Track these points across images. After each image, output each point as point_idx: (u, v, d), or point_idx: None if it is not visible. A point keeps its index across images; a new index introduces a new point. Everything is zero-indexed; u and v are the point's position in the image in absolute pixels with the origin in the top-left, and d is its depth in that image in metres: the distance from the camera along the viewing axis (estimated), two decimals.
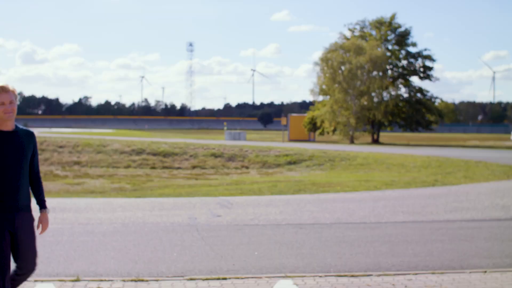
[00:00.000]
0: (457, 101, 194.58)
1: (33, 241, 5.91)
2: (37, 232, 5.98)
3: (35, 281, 8.18)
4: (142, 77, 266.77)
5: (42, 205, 6.12)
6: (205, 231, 12.12)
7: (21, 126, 5.95)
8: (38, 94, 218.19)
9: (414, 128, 72.91)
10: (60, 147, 35.33)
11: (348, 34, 74.87)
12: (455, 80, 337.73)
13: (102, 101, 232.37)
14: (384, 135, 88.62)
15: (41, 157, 33.23)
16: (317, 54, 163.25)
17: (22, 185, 5.79)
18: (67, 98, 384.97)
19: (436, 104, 78.46)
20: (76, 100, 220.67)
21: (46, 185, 22.38)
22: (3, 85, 5.75)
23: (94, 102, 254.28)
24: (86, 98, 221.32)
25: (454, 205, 16.02)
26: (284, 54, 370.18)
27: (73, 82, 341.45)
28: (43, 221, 6.11)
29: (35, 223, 6.00)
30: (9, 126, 5.77)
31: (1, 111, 5.67)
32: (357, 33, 74.40)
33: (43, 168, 30.22)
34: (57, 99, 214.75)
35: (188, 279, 8.31)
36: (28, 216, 5.86)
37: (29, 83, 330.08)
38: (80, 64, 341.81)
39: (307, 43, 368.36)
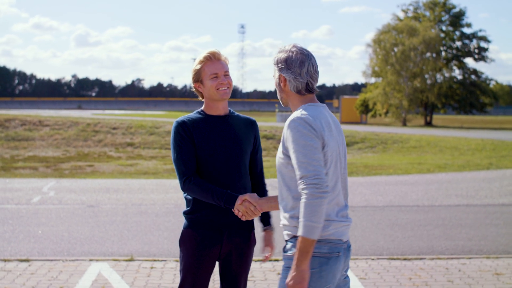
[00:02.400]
0: None
1: (247, 270, 4.50)
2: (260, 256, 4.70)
3: (90, 260, 8.32)
4: (194, 59, 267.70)
5: (266, 220, 4.56)
6: None
7: (237, 113, 4.48)
8: (92, 77, 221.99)
9: (468, 110, 71.81)
10: (114, 128, 35.75)
11: (401, 15, 73.94)
12: (511, 61, 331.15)
13: (155, 83, 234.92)
14: (437, 118, 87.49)
15: (94, 138, 33.73)
16: (370, 36, 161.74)
17: (243, 189, 4.34)
18: (120, 80, 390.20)
19: (491, 86, 77.17)
20: (129, 82, 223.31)
21: (100, 166, 22.73)
22: (214, 51, 4.38)
23: (147, 84, 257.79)
24: (139, 80, 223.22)
25: (509, 189, 15.76)
26: (336, 36, 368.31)
27: (126, 64, 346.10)
28: (269, 243, 4.54)
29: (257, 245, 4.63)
30: (220, 109, 4.37)
31: (213, 86, 4.29)
32: (410, 14, 73.40)
33: (96, 150, 30.67)
34: (110, 81, 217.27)
35: None
36: (246, 235, 4.42)
37: (83, 66, 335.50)
38: (132, 47, 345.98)
39: (359, 25, 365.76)
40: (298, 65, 3.80)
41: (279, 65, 3.85)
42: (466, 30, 71.72)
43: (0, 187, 15.79)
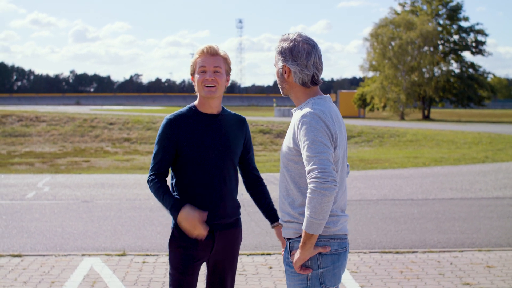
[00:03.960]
0: (510, 77, 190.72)
1: (234, 269, 4.41)
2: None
3: (83, 255, 8.34)
4: (192, 54, 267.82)
5: (273, 216, 4.38)
6: (252, 207, 12.14)
7: (229, 111, 4.36)
8: (90, 72, 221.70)
9: (466, 104, 71.72)
10: (111, 124, 35.72)
11: (398, 9, 73.74)
12: (508, 55, 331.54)
13: (153, 79, 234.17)
14: (435, 112, 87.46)
15: (91, 134, 33.73)
16: (367, 30, 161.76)
17: (230, 192, 4.26)
18: (118, 75, 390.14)
19: (489, 79, 76.97)
20: (127, 77, 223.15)
21: (96, 161, 22.72)
22: (210, 45, 4.20)
23: (145, 79, 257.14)
24: (137, 75, 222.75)
25: (504, 182, 15.78)
26: (334, 30, 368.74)
27: (124, 59, 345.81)
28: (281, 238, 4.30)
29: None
30: (213, 107, 4.21)
31: (199, 80, 4.15)
32: (407, 8, 73.19)
33: (93, 145, 30.66)
34: (108, 77, 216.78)
35: None
36: (234, 235, 4.35)
37: (81, 61, 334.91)
38: (130, 42, 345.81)
39: (357, 19, 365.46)
40: (304, 57, 3.69)
41: (284, 55, 3.74)
42: (464, 24, 71.64)
43: None
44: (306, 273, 3.65)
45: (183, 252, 4.17)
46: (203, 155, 4.11)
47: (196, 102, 4.25)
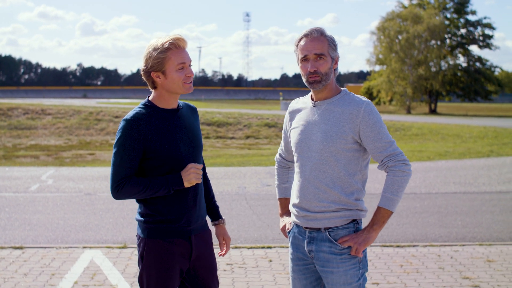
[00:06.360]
0: None
1: (215, 269, 4.08)
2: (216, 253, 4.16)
3: (84, 247, 8.36)
4: (199, 47, 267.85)
5: (216, 213, 4.23)
6: (254, 200, 12.18)
7: (179, 101, 3.98)
8: (97, 65, 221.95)
9: (473, 98, 71.60)
10: (116, 117, 35.75)
11: (405, 2, 73.57)
12: None
13: None
14: (442, 106, 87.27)
15: (97, 127, 33.76)
16: (375, 24, 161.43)
17: (202, 190, 3.99)
18: (126, 69, 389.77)
19: (496, 73, 76.75)
20: (134, 71, 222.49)
21: (101, 154, 22.76)
22: (180, 37, 3.80)
23: None
24: None
25: (508, 176, 15.74)
26: (341, 24, 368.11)
27: (131, 53, 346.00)
28: (225, 236, 4.21)
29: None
30: (174, 101, 3.88)
31: (180, 78, 3.77)
32: (414, 2, 72.98)
33: (98, 138, 30.70)
34: (115, 70, 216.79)
35: (232, 247, 8.37)
36: (207, 236, 4.03)
37: (88, 54, 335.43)
38: (138, 35, 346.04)
39: (365, 12, 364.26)
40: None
41: (335, 43, 3.80)
42: (471, 18, 71.69)
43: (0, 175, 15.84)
44: (361, 255, 3.78)
45: (166, 261, 3.78)
46: (174, 154, 3.73)
47: (152, 98, 3.87)
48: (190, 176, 3.71)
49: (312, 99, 3.88)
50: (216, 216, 4.19)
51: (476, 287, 6.65)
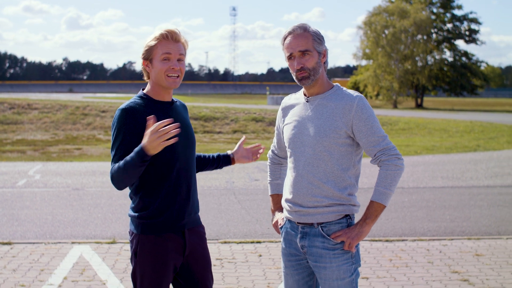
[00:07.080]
0: (504, 65, 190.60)
1: (209, 264, 4.04)
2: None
3: (72, 243, 8.33)
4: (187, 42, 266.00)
5: (222, 155, 4.40)
6: (242, 195, 12.18)
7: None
8: (83, 60, 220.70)
9: (459, 92, 71.91)
10: (103, 111, 35.60)
11: None
12: (502, 43, 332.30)
13: None
14: (428, 100, 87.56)
15: (83, 121, 33.62)
16: (361, 18, 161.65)
17: (195, 184, 3.95)
18: (112, 63, 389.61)
19: (482, 68, 77.17)
20: (121, 65, 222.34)
21: (88, 149, 22.67)
22: (173, 30, 3.78)
23: (138, 67, 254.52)
24: (130, 63, 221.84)
25: (495, 171, 15.82)
26: (327, 18, 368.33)
27: (117, 47, 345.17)
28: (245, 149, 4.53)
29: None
30: (168, 95, 3.86)
31: (162, 69, 3.72)
32: None
33: (85, 133, 30.59)
34: (101, 64, 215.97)
35: (222, 242, 8.37)
36: (201, 231, 4.00)
37: (74, 49, 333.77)
38: (124, 30, 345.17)
39: (351, 7, 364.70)
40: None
41: (320, 37, 3.79)
42: (457, 12, 72.17)
43: None
44: (354, 250, 3.77)
45: (161, 256, 3.74)
46: (169, 147, 3.64)
47: (147, 90, 3.84)
48: (153, 144, 3.46)
49: (304, 94, 3.88)
50: (225, 155, 4.39)
51: (465, 281, 6.69)
